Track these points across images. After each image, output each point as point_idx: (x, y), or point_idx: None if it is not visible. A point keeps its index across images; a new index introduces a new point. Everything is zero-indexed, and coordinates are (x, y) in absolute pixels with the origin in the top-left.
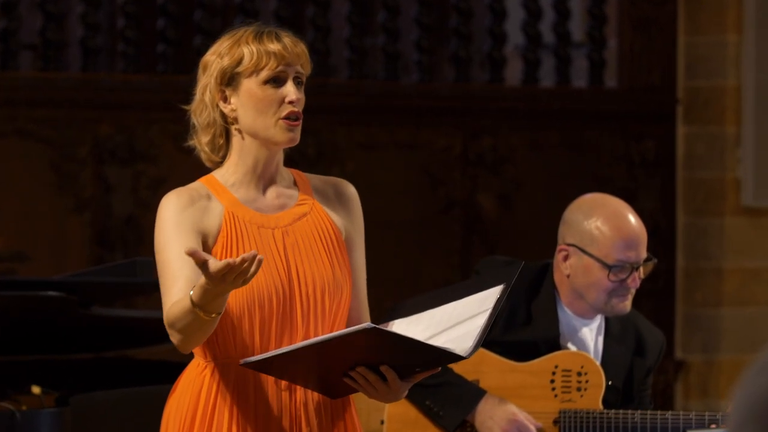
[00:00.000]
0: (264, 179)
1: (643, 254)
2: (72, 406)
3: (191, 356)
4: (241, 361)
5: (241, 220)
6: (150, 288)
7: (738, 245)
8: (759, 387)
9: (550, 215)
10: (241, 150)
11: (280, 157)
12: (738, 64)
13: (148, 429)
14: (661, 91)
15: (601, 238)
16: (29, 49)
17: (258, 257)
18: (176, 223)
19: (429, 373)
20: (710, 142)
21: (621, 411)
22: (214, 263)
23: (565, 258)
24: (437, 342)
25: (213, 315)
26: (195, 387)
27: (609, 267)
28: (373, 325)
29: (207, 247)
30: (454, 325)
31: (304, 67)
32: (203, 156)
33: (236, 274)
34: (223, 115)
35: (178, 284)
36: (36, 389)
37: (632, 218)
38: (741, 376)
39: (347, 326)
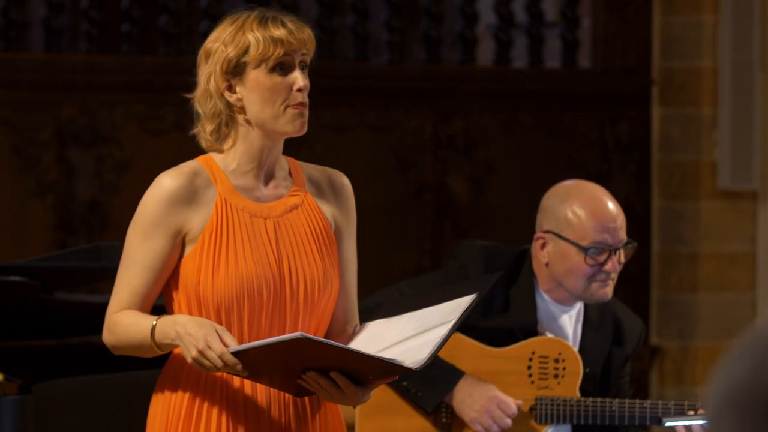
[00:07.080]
0: (266, 169)
1: (622, 237)
2: (35, 393)
3: None
4: None
5: (233, 208)
6: (114, 273)
7: (714, 229)
8: (735, 375)
9: (522, 199)
10: (247, 139)
11: (281, 146)
12: (714, 45)
13: (113, 416)
14: (636, 72)
15: (577, 221)
16: None
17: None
18: (156, 220)
19: (387, 381)
20: (686, 124)
21: (599, 399)
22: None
23: (543, 246)
24: (395, 351)
25: (165, 351)
26: (182, 380)
27: (585, 250)
28: (304, 334)
29: (185, 241)
30: (421, 332)
31: (309, 51)
32: (204, 143)
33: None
34: (229, 105)
35: (131, 284)
36: None
37: (609, 202)
38: (717, 364)
39: (332, 323)
